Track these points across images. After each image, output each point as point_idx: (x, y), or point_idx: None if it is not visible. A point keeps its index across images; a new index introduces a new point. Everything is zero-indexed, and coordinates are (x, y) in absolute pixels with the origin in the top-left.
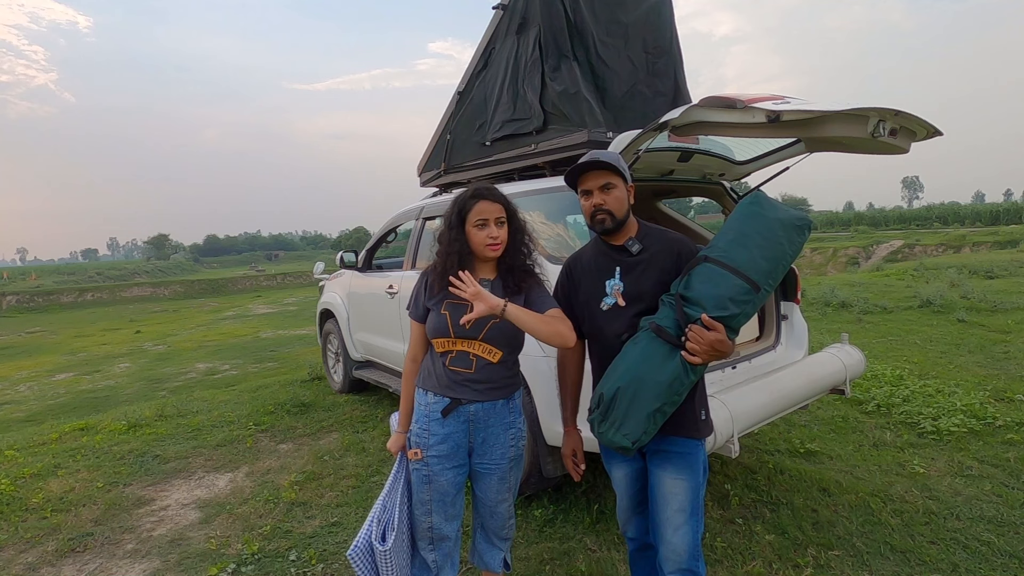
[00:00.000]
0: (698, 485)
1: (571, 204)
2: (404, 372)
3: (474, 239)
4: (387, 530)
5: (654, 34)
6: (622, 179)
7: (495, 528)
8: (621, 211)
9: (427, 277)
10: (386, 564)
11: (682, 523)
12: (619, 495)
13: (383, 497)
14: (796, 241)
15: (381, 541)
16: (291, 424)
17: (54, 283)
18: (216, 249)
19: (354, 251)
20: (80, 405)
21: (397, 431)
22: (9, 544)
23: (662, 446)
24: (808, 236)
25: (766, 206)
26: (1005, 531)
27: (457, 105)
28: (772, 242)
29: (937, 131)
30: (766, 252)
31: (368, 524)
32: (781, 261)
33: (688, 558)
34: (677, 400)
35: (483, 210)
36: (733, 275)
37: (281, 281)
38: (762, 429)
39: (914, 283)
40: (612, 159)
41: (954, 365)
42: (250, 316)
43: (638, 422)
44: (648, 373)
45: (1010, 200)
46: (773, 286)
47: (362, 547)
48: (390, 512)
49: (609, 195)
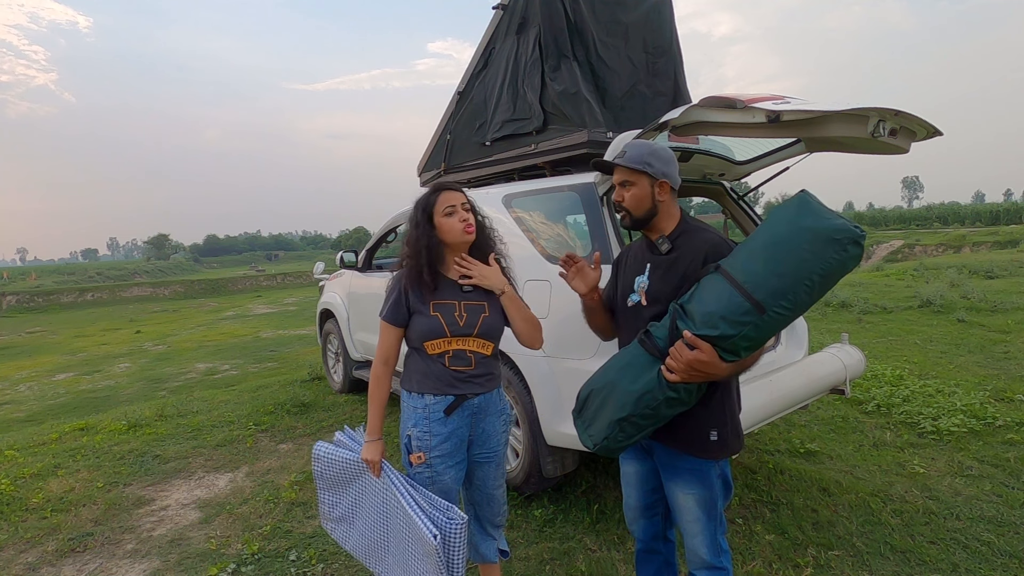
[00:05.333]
0: (711, 499)
1: (571, 204)
2: (375, 376)
3: (446, 228)
4: (444, 512)
5: (654, 34)
6: (645, 176)
7: (490, 516)
8: (639, 209)
9: (401, 281)
10: (461, 539)
11: (698, 531)
12: (626, 492)
13: (408, 496)
14: (829, 257)
15: (450, 520)
16: (291, 424)
17: (54, 283)
18: (216, 249)
19: (354, 251)
20: (80, 405)
21: (369, 439)
22: (9, 544)
23: (671, 459)
24: (853, 253)
25: (803, 211)
26: (1005, 531)
27: (457, 105)
28: (792, 255)
29: (937, 131)
30: (781, 267)
31: (423, 519)
32: (802, 280)
33: (709, 557)
34: (651, 414)
35: (447, 199)
36: (736, 291)
37: (281, 281)
38: (762, 429)
39: (914, 283)
40: (633, 160)
41: (954, 365)
42: (250, 316)
43: (602, 427)
44: (621, 381)
45: (1010, 200)
46: (789, 309)
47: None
48: (429, 500)
49: (628, 192)
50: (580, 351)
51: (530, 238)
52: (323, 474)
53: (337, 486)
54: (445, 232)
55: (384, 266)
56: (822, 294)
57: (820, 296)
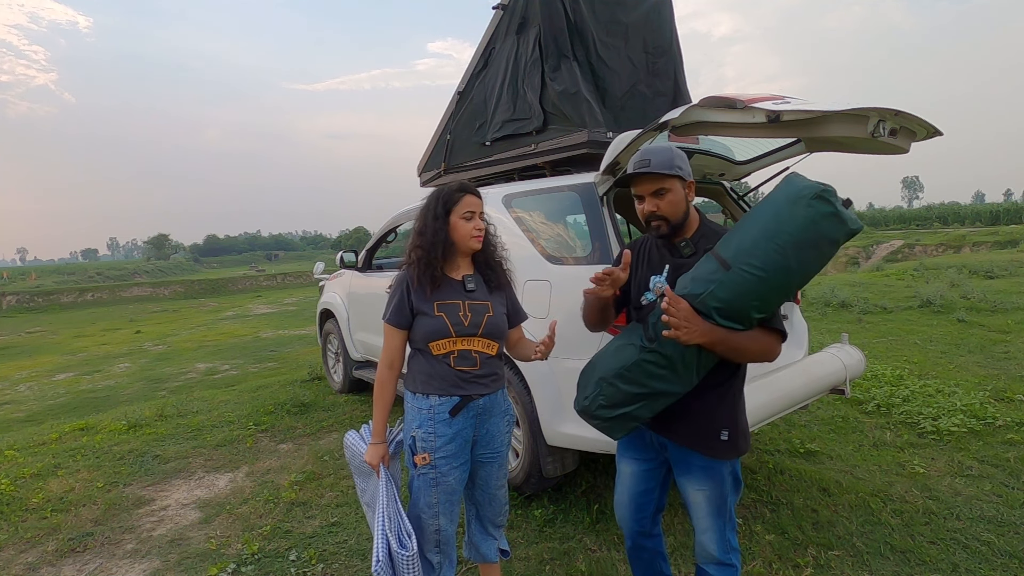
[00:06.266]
0: (722, 495)
1: (571, 204)
2: (380, 380)
3: (460, 231)
4: (402, 537)
5: (654, 34)
6: (678, 180)
7: (492, 515)
8: (677, 214)
9: (407, 280)
10: (411, 569)
11: (708, 527)
12: (619, 490)
13: (383, 509)
14: (796, 215)
15: (402, 547)
16: (291, 424)
17: (54, 283)
18: (216, 249)
19: (354, 251)
20: (80, 405)
21: (373, 442)
22: (9, 544)
23: (684, 456)
24: (820, 209)
25: (782, 185)
26: (1005, 531)
27: (457, 105)
28: (761, 217)
29: (937, 131)
30: (751, 231)
31: (381, 538)
32: (771, 239)
33: (719, 553)
34: (631, 377)
35: (470, 203)
36: (711, 256)
37: (281, 281)
38: (762, 429)
39: (914, 283)
40: (664, 164)
41: (954, 365)
42: (250, 316)
43: (588, 388)
44: (608, 348)
45: (1010, 200)
46: (759, 268)
47: (384, 560)
48: (397, 521)
49: (663, 200)
50: (580, 351)
51: (530, 238)
52: (352, 461)
53: (362, 474)
54: (456, 233)
55: (384, 266)
56: (804, 260)
57: (801, 261)
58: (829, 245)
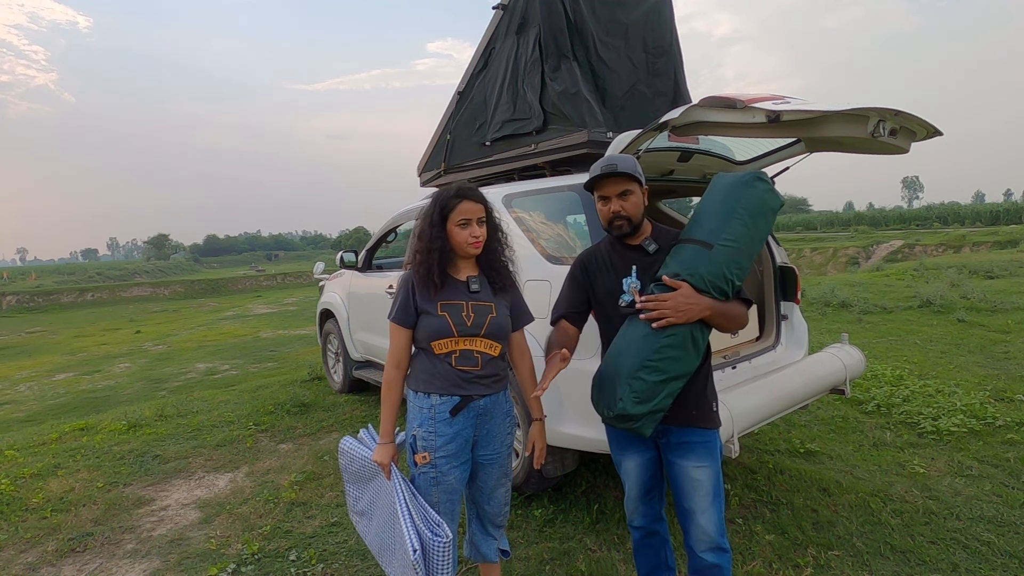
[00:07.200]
0: (718, 470)
1: (571, 204)
2: (387, 380)
3: (456, 238)
4: (432, 526)
5: (654, 34)
6: (638, 184)
7: (492, 515)
8: (638, 215)
9: (411, 281)
10: (446, 557)
11: (708, 506)
12: (628, 486)
13: (406, 505)
14: (743, 195)
15: (435, 536)
16: (291, 424)
17: (54, 283)
18: (216, 249)
19: (354, 251)
20: (80, 405)
21: (381, 442)
22: (9, 544)
23: (683, 438)
24: (760, 187)
25: (719, 179)
26: (1005, 531)
27: (457, 105)
28: (720, 204)
29: (937, 131)
30: (715, 215)
31: (412, 531)
32: (731, 215)
33: (717, 536)
34: (655, 367)
35: (466, 210)
36: (688, 244)
37: (281, 281)
38: (762, 429)
39: (914, 283)
40: (629, 167)
41: (954, 365)
42: (250, 316)
43: (624, 389)
44: (622, 347)
45: (1010, 200)
46: (734, 240)
47: (419, 552)
48: (422, 513)
49: (627, 201)
50: (580, 351)
51: (530, 238)
52: (347, 468)
53: (359, 481)
54: (453, 240)
55: (384, 266)
56: (759, 227)
57: (758, 228)
58: (772, 213)
